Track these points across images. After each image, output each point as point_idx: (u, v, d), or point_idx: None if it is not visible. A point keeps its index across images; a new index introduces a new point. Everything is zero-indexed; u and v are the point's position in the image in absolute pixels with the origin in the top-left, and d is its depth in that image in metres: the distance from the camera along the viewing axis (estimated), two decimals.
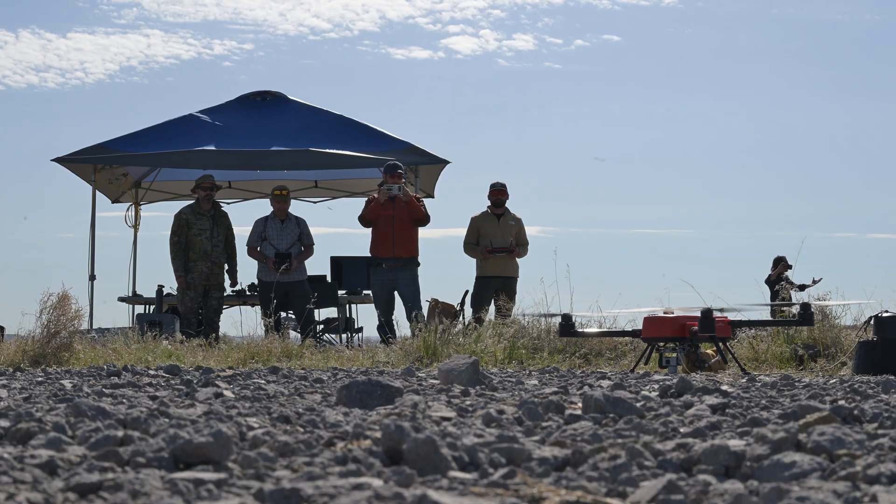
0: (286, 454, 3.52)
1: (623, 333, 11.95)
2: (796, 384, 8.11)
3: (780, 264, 25.85)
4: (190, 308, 16.94)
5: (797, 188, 62.72)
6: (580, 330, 12.08)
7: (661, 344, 11.02)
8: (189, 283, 16.92)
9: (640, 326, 11.23)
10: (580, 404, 5.09)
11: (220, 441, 3.29)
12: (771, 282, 24.74)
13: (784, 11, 74.84)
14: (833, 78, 73.87)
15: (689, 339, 10.88)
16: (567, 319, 11.71)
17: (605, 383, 7.80)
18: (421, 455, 3.24)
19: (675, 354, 10.89)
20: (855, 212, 59.58)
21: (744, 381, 8.72)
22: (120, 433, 3.66)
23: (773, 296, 16.34)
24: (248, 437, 3.84)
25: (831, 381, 8.74)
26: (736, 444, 3.80)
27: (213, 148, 18.04)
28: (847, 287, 24.29)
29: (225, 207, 17.77)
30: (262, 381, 7.86)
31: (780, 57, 75.14)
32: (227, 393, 6.28)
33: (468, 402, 5.62)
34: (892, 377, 7.90)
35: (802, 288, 25.38)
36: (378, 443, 3.70)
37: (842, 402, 5.48)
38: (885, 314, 11.07)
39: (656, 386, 7.28)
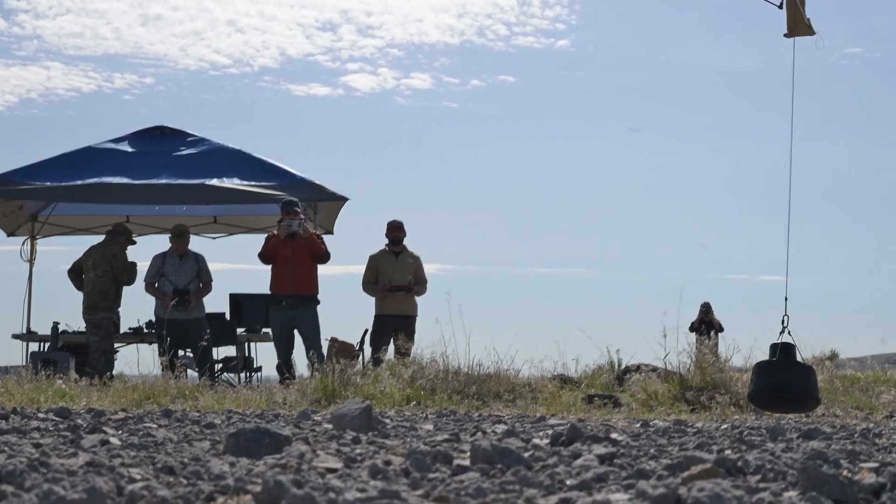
0: None
1: None
2: (688, 430, 8.17)
3: (701, 310, 26.30)
4: (112, 346, 16.85)
5: (690, 230, 63.52)
6: None
7: None
8: (111, 321, 16.81)
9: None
10: (469, 453, 5.08)
11: (93, 498, 3.24)
12: (695, 328, 25.10)
13: (671, 56, 76.00)
14: (722, 121, 75.14)
15: None
16: None
17: (500, 428, 7.80)
18: None
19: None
20: (747, 254, 60.46)
21: (637, 426, 8.77)
22: None
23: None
24: (125, 491, 3.78)
25: (722, 427, 8.82)
26: (619, 497, 3.82)
27: (110, 181, 17.85)
28: (738, 329, 24.62)
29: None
30: (154, 426, 7.76)
31: (670, 100, 76.33)
32: (114, 440, 6.19)
33: (357, 451, 5.59)
34: (782, 420, 7.99)
35: (721, 329, 25.79)
36: (258, 498, 3.66)
37: (727, 452, 5.53)
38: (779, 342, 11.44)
39: (550, 432, 7.29)
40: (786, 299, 11.73)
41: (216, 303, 19.02)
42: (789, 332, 11.56)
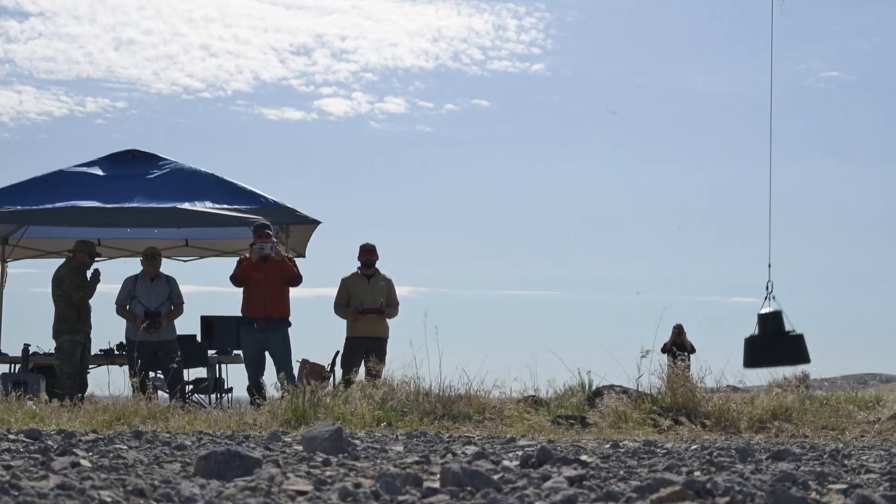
0: None
1: None
2: (657, 451, 8.20)
3: (674, 332, 26.42)
4: (76, 368, 16.72)
5: (661, 251, 63.76)
6: None
7: None
8: (77, 343, 16.71)
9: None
10: (440, 476, 5.10)
11: None
12: (667, 349, 25.18)
13: (646, 80, 76.33)
14: (696, 144, 75.48)
15: None
16: None
17: (470, 449, 7.82)
18: None
19: None
20: (719, 276, 60.71)
21: (607, 447, 8.80)
22: None
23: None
24: None
25: (692, 448, 8.86)
26: None
27: (82, 205, 17.82)
28: (710, 350, 24.72)
29: (94, 265, 17.56)
30: (124, 448, 7.76)
31: (645, 123, 76.63)
32: (85, 462, 6.19)
33: (328, 474, 5.60)
34: (752, 441, 8.04)
35: (693, 350, 25.90)
36: None
37: (697, 474, 5.56)
38: (764, 311, 11.84)
39: (519, 453, 7.31)
40: (769, 266, 12.02)
41: (187, 325, 19.00)
42: (774, 298, 11.91)
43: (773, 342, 12.10)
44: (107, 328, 17.46)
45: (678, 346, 25.43)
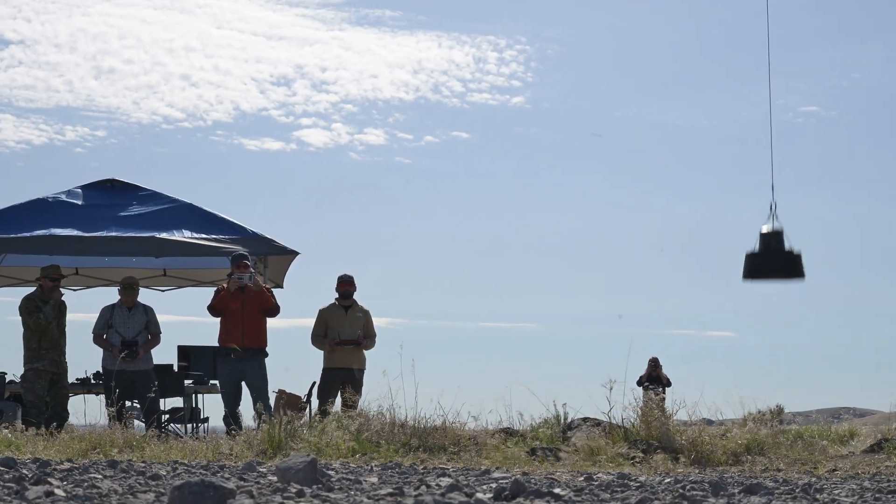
0: None
1: None
2: (631, 484, 8.25)
3: (649, 365, 26.55)
4: (40, 397, 16.62)
5: (638, 285, 63.85)
6: None
7: None
8: (40, 372, 16.63)
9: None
10: None
11: None
12: (642, 383, 25.25)
13: (626, 113, 76.57)
14: (673, 178, 75.60)
15: None
16: None
17: (444, 481, 7.85)
18: None
19: None
20: (694, 310, 60.88)
21: (581, 479, 8.85)
22: None
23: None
24: None
25: (665, 481, 8.91)
26: None
27: (60, 233, 17.83)
28: (685, 383, 24.81)
29: (72, 295, 17.58)
30: (99, 477, 7.77)
31: (623, 156, 76.77)
32: (59, 491, 6.21)
33: None
34: (725, 474, 8.09)
35: (669, 383, 26.01)
36: None
37: None
38: (766, 229, 12.82)
39: (493, 485, 7.35)
40: (772, 187, 12.75)
41: (164, 354, 19.01)
42: (777, 218, 12.61)
43: (773, 257, 12.84)
44: (84, 357, 17.44)
45: (653, 379, 25.52)
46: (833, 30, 75.29)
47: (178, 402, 19.54)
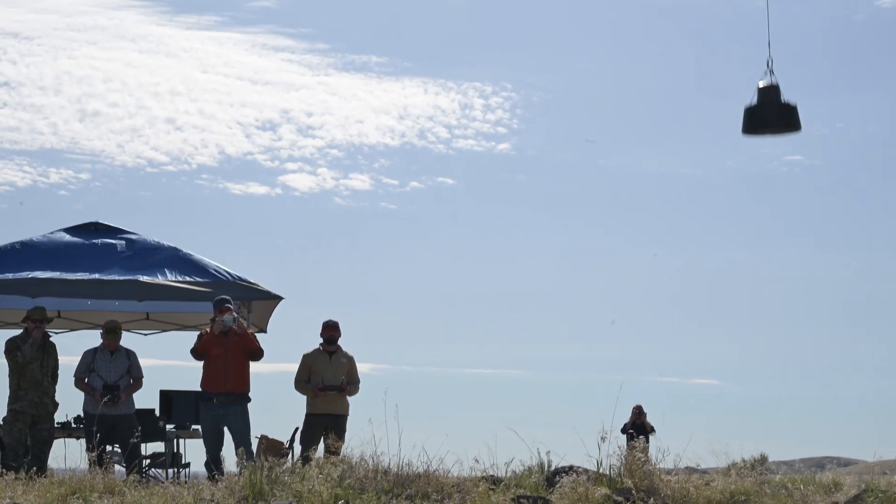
0: None
1: None
2: None
3: (633, 413, 26.58)
4: (18, 439, 16.52)
5: (623, 332, 64.04)
6: None
7: None
8: (18, 413, 16.55)
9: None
10: None
11: None
12: (626, 430, 25.27)
13: (611, 162, 77.01)
14: (658, 226, 76.02)
15: None
16: None
17: None
18: None
19: None
20: (679, 357, 61.05)
21: None
22: None
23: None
24: None
25: None
26: None
27: (42, 276, 17.79)
28: (669, 431, 24.84)
29: (54, 338, 17.50)
30: None
31: (609, 204, 77.17)
32: None
33: None
34: None
35: (653, 431, 25.98)
36: None
37: None
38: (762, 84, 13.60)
39: None
40: (769, 43, 13.55)
41: (146, 399, 18.93)
42: (772, 72, 13.08)
43: (770, 110, 13.49)
44: (65, 401, 17.37)
45: (637, 427, 25.51)
46: (817, 79, 75.94)
47: (159, 446, 19.46)
